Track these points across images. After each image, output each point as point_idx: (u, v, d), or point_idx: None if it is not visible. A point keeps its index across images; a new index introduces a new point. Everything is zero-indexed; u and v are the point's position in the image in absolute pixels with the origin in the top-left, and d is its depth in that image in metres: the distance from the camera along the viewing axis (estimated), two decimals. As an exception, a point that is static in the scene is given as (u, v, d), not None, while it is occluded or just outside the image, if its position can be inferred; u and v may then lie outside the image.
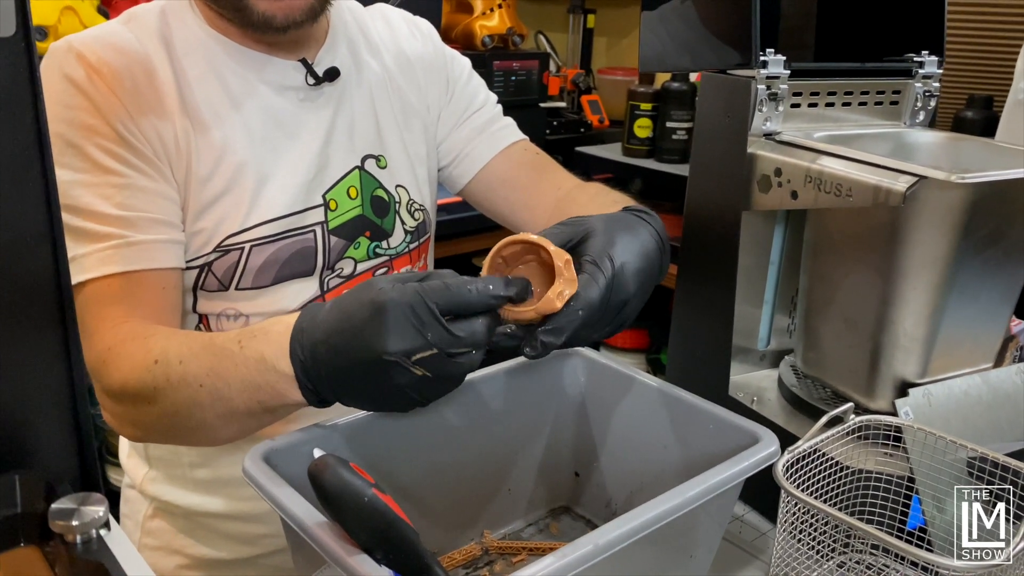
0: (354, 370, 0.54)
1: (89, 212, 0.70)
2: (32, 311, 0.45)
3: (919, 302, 0.78)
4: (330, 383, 0.57)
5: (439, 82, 0.94)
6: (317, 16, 0.78)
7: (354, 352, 0.54)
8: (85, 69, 0.71)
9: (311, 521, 0.51)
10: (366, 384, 0.55)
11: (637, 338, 2.25)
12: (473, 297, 0.54)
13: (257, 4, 0.74)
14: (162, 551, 0.90)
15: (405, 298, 0.52)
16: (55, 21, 1.47)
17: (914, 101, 0.95)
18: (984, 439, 0.78)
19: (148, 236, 0.72)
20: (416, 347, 0.52)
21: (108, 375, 0.68)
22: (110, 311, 0.70)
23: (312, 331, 0.56)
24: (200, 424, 0.64)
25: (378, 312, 0.52)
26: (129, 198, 0.72)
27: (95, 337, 0.69)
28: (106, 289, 0.71)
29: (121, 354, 0.67)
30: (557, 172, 0.95)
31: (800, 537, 0.65)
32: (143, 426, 0.70)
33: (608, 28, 2.63)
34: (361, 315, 0.53)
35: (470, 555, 0.72)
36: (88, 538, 0.43)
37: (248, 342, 0.60)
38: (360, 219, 0.85)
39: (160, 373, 0.64)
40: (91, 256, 0.70)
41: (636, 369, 0.74)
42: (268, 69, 0.80)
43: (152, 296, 0.73)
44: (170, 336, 0.67)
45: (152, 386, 0.64)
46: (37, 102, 0.41)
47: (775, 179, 0.84)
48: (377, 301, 0.53)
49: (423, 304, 0.52)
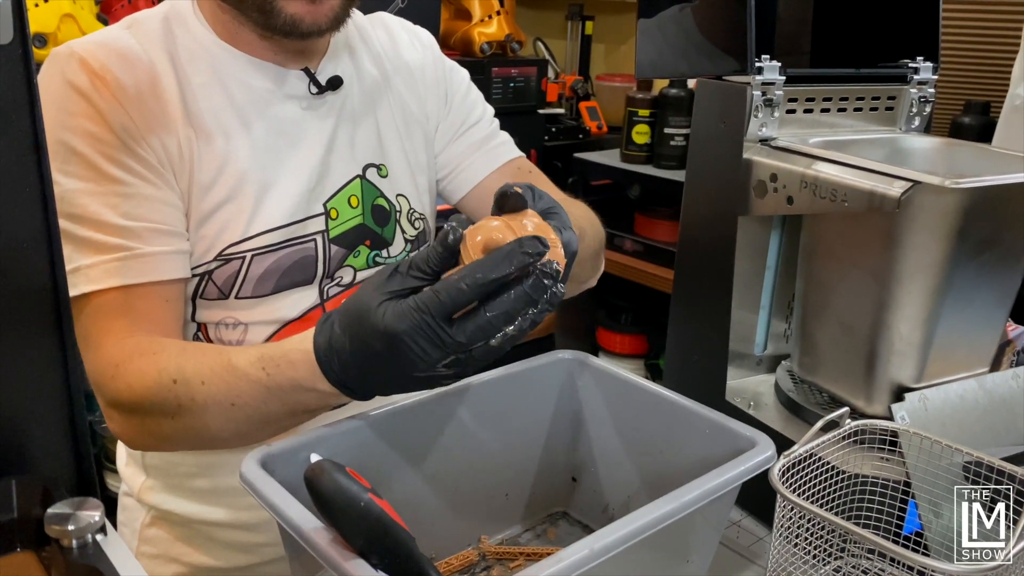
0: (391, 384, 0.59)
1: (93, 221, 0.70)
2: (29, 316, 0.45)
3: (915, 307, 0.78)
4: (372, 392, 0.61)
5: (438, 93, 0.94)
6: (340, 25, 0.77)
7: (386, 373, 0.57)
8: (88, 75, 0.71)
9: (307, 526, 0.51)
10: (407, 387, 0.60)
11: (636, 343, 2.25)
12: (470, 294, 0.54)
13: (286, 7, 0.73)
14: (160, 559, 0.90)
15: (412, 325, 0.54)
16: (54, 28, 1.47)
17: (909, 107, 0.95)
18: (980, 443, 0.78)
19: (153, 248, 0.72)
20: (440, 358, 0.55)
21: (118, 392, 0.68)
22: (114, 324, 0.70)
23: (340, 358, 0.59)
24: (232, 434, 0.67)
25: (393, 344, 0.55)
26: (134, 207, 0.72)
27: (100, 351, 0.69)
28: (111, 302, 0.70)
29: (131, 371, 0.67)
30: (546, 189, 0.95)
31: (796, 542, 0.65)
32: (158, 437, 0.70)
33: (606, 35, 2.64)
34: (379, 346, 0.56)
35: (467, 560, 0.72)
36: (84, 543, 0.43)
37: (273, 369, 0.62)
38: (361, 228, 0.85)
39: (183, 393, 0.65)
40: (96, 268, 0.70)
41: (633, 374, 0.74)
42: (272, 78, 0.80)
43: (156, 309, 0.73)
44: (181, 352, 0.68)
45: (175, 404, 0.65)
46: (34, 109, 0.41)
47: (771, 184, 0.84)
48: (388, 334, 0.55)
49: (430, 326, 0.54)
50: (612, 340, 2.26)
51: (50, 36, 1.46)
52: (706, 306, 0.94)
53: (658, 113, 1.94)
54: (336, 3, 0.75)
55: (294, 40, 0.77)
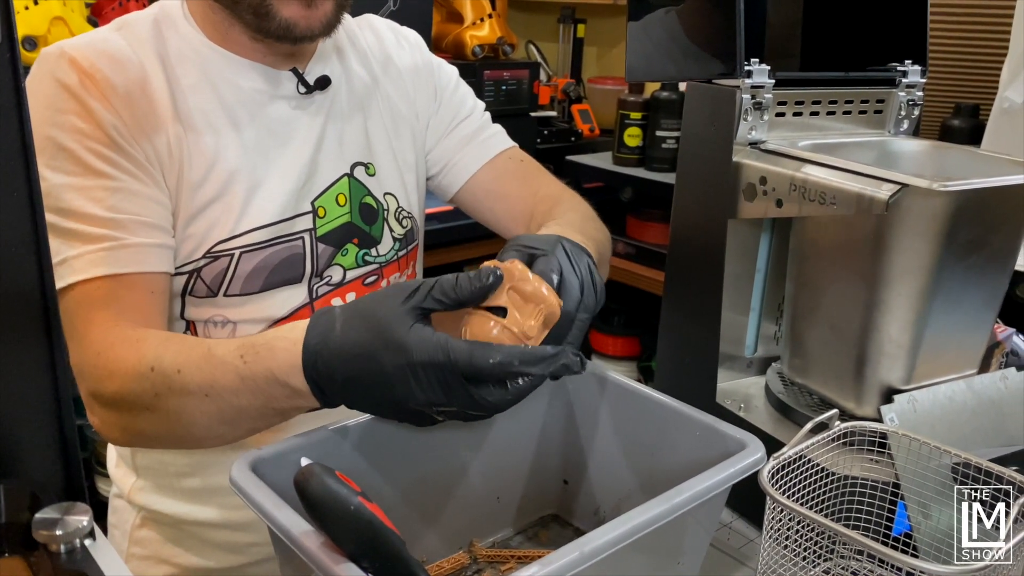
0: (377, 404, 0.59)
1: (79, 215, 0.70)
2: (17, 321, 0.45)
3: (903, 309, 0.79)
4: (344, 402, 0.60)
5: (427, 91, 0.95)
6: (332, 30, 0.78)
7: (379, 392, 0.56)
8: (78, 74, 0.71)
9: (298, 530, 0.51)
10: (387, 412, 0.59)
11: (628, 346, 2.25)
12: (495, 370, 0.55)
13: (281, 11, 0.74)
14: (150, 560, 0.90)
15: (436, 359, 0.54)
16: (44, 31, 1.46)
17: (898, 110, 0.96)
18: (969, 445, 0.78)
19: (139, 239, 0.72)
20: (440, 403, 0.55)
21: (98, 380, 0.67)
22: (99, 314, 0.70)
23: (330, 363, 0.57)
24: (203, 431, 0.65)
25: (407, 367, 0.54)
26: (120, 201, 0.72)
27: (85, 341, 0.69)
28: (95, 292, 0.70)
29: (112, 359, 0.67)
30: (539, 179, 0.96)
31: (786, 544, 0.66)
32: (133, 431, 0.69)
33: (598, 38, 2.65)
34: (388, 361, 0.55)
35: (458, 564, 0.72)
36: (72, 548, 0.43)
37: (251, 357, 0.61)
38: (348, 226, 0.85)
39: (160, 382, 0.64)
40: (81, 258, 0.70)
41: (624, 376, 0.74)
42: (261, 78, 0.81)
43: (141, 300, 0.72)
44: (164, 342, 0.67)
45: (152, 393, 0.64)
46: (22, 111, 0.41)
47: (760, 187, 0.84)
48: (407, 355, 0.54)
49: (452, 370, 0.54)
50: (604, 343, 2.26)
51: (40, 39, 1.46)
52: (697, 308, 0.94)
53: (650, 116, 1.95)
54: (329, 9, 0.76)
55: (285, 44, 0.78)
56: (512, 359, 0.55)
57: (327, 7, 0.75)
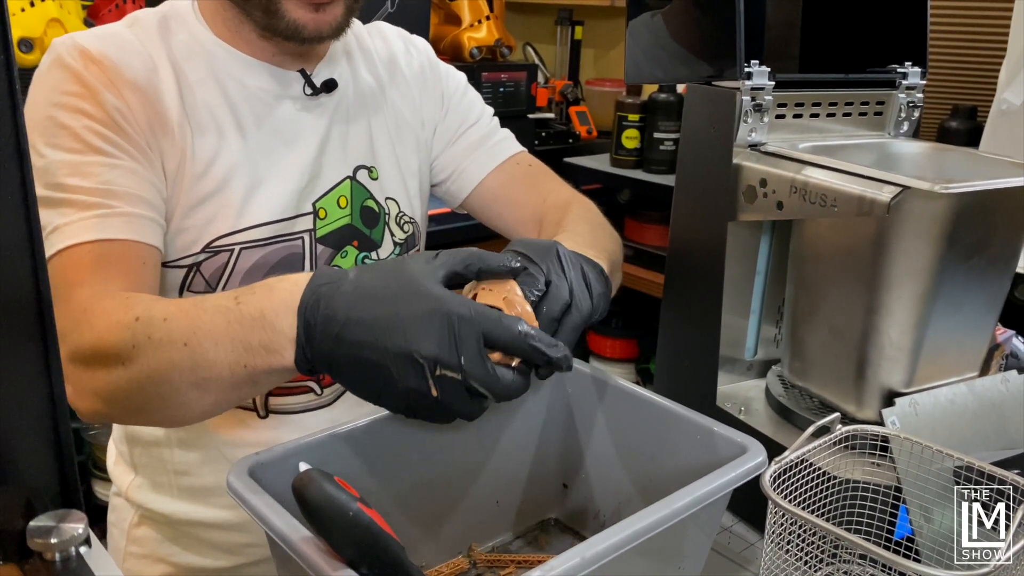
0: (373, 357, 0.54)
1: (74, 187, 0.69)
2: (11, 325, 0.44)
3: (904, 311, 0.79)
4: (333, 358, 0.56)
5: (434, 98, 0.95)
6: (340, 33, 0.79)
7: (385, 339, 0.54)
8: (85, 60, 0.72)
9: (296, 536, 0.50)
10: (375, 373, 0.55)
11: (627, 348, 2.25)
12: (517, 340, 0.55)
13: (291, 12, 0.74)
14: (147, 559, 0.90)
15: (465, 313, 0.54)
16: (41, 33, 1.46)
17: (898, 111, 0.96)
18: (970, 448, 0.78)
19: (132, 209, 0.71)
20: (447, 362, 0.53)
21: (80, 335, 0.63)
22: (88, 276, 0.67)
23: (333, 303, 0.55)
24: (172, 393, 0.61)
25: (434, 315, 0.53)
26: (116, 176, 0.71)
27: (72, 301, 0.65)
28: (86, 255, 0.68)
29: (97, 312, 0.64)
30: (548, 183, 0.96)
31: (788, 548, 0.65)
32: (105, 396, 0.64)
33: (596, 40, 2.65)
34: (404, 306, 0.54)
35: (458, 569, 0.72)
36: (67, 556, 0.42)
37: (246, 298, 0.59)
38: (348, 228, 0.86)
39: (140, 331, 0.61)
40: (73, 224, 0.68)
41: (623, 379, 0.74)
42: (268, 78, 0.81)
43: (132, 268, 0.70)
44: (157, 300, 0.65)
45: (131, 344, 0.60)
46: (16, 115, 0.41)
47: (760, 190, 0.84)
48: (434, 301, 0.54)
49: (476, 326, 0.54)
50: (603, 344, 2.26)
51: (36, 41, 1.45)
52: (696, 311, 0.94)
53: (647, 118, 1.95)
54: (339, 12, 0.77)
55: (294, 45, 0.79)
56: (536, 333, 0.56)
57: (336, 11, 0.76)
